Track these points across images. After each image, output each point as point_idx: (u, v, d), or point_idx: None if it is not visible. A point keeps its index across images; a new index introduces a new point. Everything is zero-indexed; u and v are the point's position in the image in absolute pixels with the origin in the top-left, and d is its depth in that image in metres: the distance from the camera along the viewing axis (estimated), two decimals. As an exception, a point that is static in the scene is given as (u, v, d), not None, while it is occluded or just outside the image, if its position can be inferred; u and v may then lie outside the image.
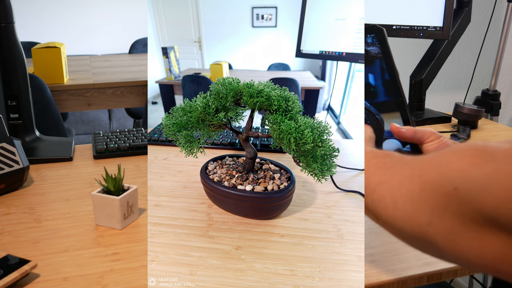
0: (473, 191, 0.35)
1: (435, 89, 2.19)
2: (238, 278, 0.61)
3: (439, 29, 1.18)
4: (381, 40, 0.62)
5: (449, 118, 1.37)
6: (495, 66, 1.77)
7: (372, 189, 0.46)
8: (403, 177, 0.43)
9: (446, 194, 0.37)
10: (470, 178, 0.35)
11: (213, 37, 5.62)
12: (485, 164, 0.35)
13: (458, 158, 0.38)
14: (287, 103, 0.73)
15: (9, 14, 1.01)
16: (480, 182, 0.34)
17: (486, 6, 1.99)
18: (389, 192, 0.44)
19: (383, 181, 0.45)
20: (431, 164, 0.40)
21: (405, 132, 0.61)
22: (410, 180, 0.42)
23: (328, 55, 1.29)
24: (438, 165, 0.39)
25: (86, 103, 2.06)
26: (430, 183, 0.39)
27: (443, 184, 0.38)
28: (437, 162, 0.40)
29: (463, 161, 0.37)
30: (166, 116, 0.79)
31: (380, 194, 0.44)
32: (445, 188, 0.37)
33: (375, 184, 0.46)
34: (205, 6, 5.42)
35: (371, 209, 0.47)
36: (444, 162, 0.39)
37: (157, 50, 5.38)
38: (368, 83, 0.64)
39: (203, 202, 0.83)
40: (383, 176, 0.45)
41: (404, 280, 0.64)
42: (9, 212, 0.81)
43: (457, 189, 0.36)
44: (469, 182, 0.35)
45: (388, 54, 0.62)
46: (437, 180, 0.38)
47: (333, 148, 0.70)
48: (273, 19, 5.39)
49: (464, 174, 0.36)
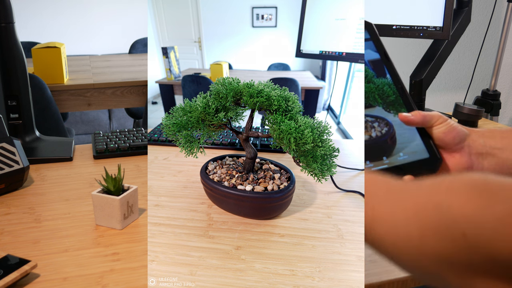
0: (483, 236, 0.32)
1: (435, 89, 2.19)
2: (238, 278, 0.61)
3: (439, 29, 1.18)
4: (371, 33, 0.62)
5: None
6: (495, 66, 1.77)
7: (368, 226, 0.43)
8: (396, 216, 0.40)
9: (453, 240, 0.34)
10: (479, 223, 0.33)
11: (213, 37, 5.62)
12: (493, 206, 0.33)
13: (460, 201, 0.35)
14: (287, 103, 0.73)
15: (9, 14, 1.01)
16: (490, 227, 0.32)
17: (486, 6, 1.99)
18: (386, 233, 0.41)
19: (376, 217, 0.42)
20: (428, 204, 0.38)
21: (414, 118, 0.60)
22: (405, 220, 0.39)
23: (328, 55, 1.29)
24: (437, 208, 0.36)
25: (86, 103, 2.06)
26: (430, 226, 0.36)
27: (447, 229, 0.35)
28: (434, 203, 0.37)
29: (467, 205, 0.34)
30: (166, 116, 0.79)
31: (378, 233, 0.42)
32: (451, 234, 0.34)
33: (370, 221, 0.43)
34: (205, 6, 5.42)
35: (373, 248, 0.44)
36: (445, 205, 0.36)
37: (157, 50, 5.38)
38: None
39: (203, 202, 0.83)
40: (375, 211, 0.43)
41: (404, 280, 0.64)
42: (9, 212, 0.81)
43: (466, 235, 0.33)
44: (478, 228, 0.33)
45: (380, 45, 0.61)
46: (440, 224, 0.36)
47: (333, 148, 0.70)
48: (273, 19, 5.39)
49: (472, 219, 0.33)
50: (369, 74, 0.59)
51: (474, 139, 0.59)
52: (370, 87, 0.59)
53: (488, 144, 0.58)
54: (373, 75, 0.59)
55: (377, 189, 0.45)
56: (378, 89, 0.59)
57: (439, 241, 0.36)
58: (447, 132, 0.59)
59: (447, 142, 0.60)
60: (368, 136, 0.59)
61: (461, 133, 0.59)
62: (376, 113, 0.60)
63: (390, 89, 0.58)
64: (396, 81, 0.61)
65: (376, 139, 0.59)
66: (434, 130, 0.60)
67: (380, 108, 0.60)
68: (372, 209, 0.43)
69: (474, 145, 0.59)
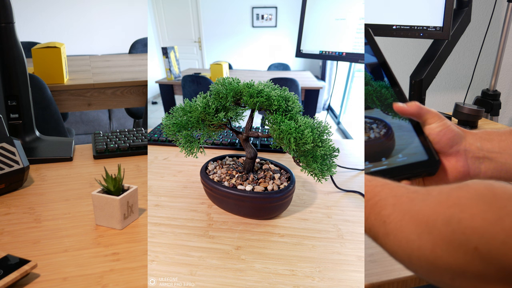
0: (495, 250, 0.33)
1: (435, 89, 2.19)
2: (238, 278, 0.61)
3: (439, 29, 1.17)
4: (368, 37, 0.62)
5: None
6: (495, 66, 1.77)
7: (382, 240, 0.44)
8: (408, 232, 0.41)
9: (465, 253, 0.35)
10: (490, 236, 0.34)
11: (213, 37, 5.62)
12: (503, 220, 0.34)
13: (469, 215, 0.36)
14: (287, 103, 0.73)
15: (9, 14, 1.01)
16: (501, 240, 0.33)
17: (486, 6, 2.00)
18: (399, 247, 0.42)
19: (389, 232, 0.43)
20: (438, 219, 0.38)
21: (408, 108, 0.58)
22: (417, 235, 0.40)
23: (328, 55, 1.29)
24: (447, 223, 0.37)
25: (86, 103, 2.06)
26: (442, 241, 0.37)
27: (459, 243, 0.36)
28: (445, 218, 0.38)
29: (476, 219, 0.35)
30: (166, 116, 0.79)
31: (391, 248, 0.43)
32: (463, 248, 0.35)
33: (383, 235, 0.44)
34: (205, 6, 5.42)
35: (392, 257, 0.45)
36: (455, 219, 0.37)
37: (157, 50, 5.38)
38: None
39: (203, 202, 0.83)
40: (387, 226, 0.43)
41: (404, 280, 0.64)
42: (9, 212, 0.81)
43: (478, 248, 0.34)
44: (489, 241, 0.34)
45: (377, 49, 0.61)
46: (452, 239, 0.36)
47: (333, 148, 0.70)
48: (273, 19, 5.39)
49: (482, 233, 0.34)
50: (366, 76, 0.60)
51: (471, 142, 0.58)
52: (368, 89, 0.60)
53: (485, 147, 0.57)
54: (371, 78, 0.60)
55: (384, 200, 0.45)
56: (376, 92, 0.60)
57: (451, 255, 0.36)
58: (442, 133, 0.58)
59: (443, 144, 0.58)
60: (367, 137, 0.59)
61: (457, 136, 0.58)
62: (374, 114, 0.60)
63: (388, 92, 0.59)
64: (393, 84, 0.61)
65: (374, 140, 0.59)
66: (430, 130, 0.58)
67: (378, 110, 0.60)
68: (384, 224, 0.44)
69: (470, 148, 0.58)
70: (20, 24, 1.10)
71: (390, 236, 0.43)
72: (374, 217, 0.45)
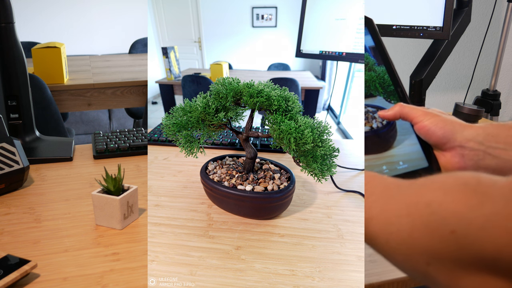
0: (471, 235, 0.33)
1: (435, 89, 2.19)
2: (238, 278, 0.61)
3: (439, 29, 1.17)
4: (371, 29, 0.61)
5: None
6: (495, 66, 1.77)
7: (366, 225, 0.44)
8: (389, 214, 0.41)
9: (442, 237, 0.35)
10: (468, 221, 0.33)
11: (213, 37, 5.63)
12: (483, 206, 0.33)
13: (451, 199, 0.35)
14: (287, 103, 0.73)
15: (9, 14, 1.01)
16: (479, 226, 0.33)
17: (486, 6, 2.00)
18: (379, 229, 0.42)
19: (372, 216, 0.43)
20: (419, 201, 0.38)
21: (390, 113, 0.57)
22: (397, 217, 0.40)
23: (328, 55, 1.29)
24: (428, 205, 0.37)
25: (86, 103, 2.06)
26: (421, 223, 0.37)
27: (436, 226, 0.36)
28: (426, 201, 0.37)
29: (458, 203, 0.35)
30: (166, 116, 0.79)
31: (372, 232, 0.43)
32: (440, 231, 0.35)
33: (366, 220, 0.44)
34: (205, 6, 5.42)
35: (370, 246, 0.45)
36: (436, 202, 0.36)
37: (157, 50, 5.38)
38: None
39: (203, 202, 0.83)
40: (371, 211, 0.43)
41: (404, 280, 0.64)
42: (9, 212, 0.81)
43: (455, 232, 0.34)
44: (466, 226, 0.33)
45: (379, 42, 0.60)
46: (430, 220, 0.36)
47: (333, 148, 0.70)
48: (273, 19, 5.39)
49: (461, 216, 0.34)
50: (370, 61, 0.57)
51: (469, 137, 0.55)
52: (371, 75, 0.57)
53: (488, 143, 0.54)
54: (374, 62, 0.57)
55: (374, 188, 0.46)
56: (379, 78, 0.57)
57: (428, 238, 0.36)
58: (431, 132, 0.56)
59: (433, 142, 0.57)
60: (369, 128, 0.57)
61: (448, 133, 0.55)
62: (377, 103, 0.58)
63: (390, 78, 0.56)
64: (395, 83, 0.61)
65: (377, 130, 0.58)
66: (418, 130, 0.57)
67: (381, 98, 0.58)
68: (369, 209, 0.44)
69: (468, 144, 0.55)
70: (20, 24, 1.10)
71: (373, 220, 0.43)
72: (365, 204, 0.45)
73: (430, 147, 0.59)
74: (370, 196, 0.45)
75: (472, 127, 0.56)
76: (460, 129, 0.56)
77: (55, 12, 3.53)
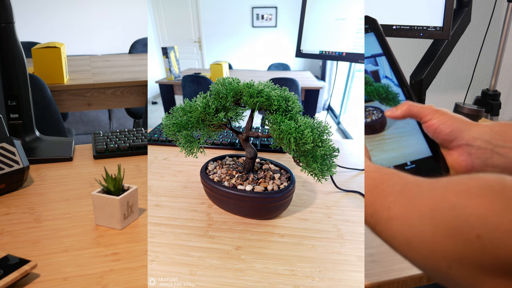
0: (497, 239, 0.33)
1: (435, 89, 2.19)
2: (238, 278, 0.61)
3: (439, 29, 1.17)
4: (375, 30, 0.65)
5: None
6: (495, 66, 1.77)
7: (383, 226, 0.43)
8: (411, 215, 0.40)
9: (466, 240, 0.35)
10: (494, 225, 0.33)
11: (213, 37, 5.63)
12: (509, 210, 0.33)
13: (476, 203, 0.35)
14: (287, 103, 0.73)
15: (9, 14, 1.01)
16: (505, 230, 0.33)
17: (486, 6, 2.00)
18: (400, 231, 0.41)
19: (392, 217, 0.42)
20: (443, 204, 0.38)
21: (398, 112, 0.59)
22: (419, 219, 0.39)
23: (328, 55, 1.29)
24: (452, 208, 0.37)
25: (86, 103, 2.06)
26: (444, 226, 0.37)
27: (462, 230, 0.35)
28: (450, 204, 0.37)
29: (483, 207, 0.35)
30: (166, 116, 0.79)
31: (392, 232, 0.42)
32: (464, 235, 0.35)
33: (385, 220, 0.43)
34: (205, 6, 5.42)
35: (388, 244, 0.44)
36: (460, 205, 0.36)
37: (157, 50, 5.38)
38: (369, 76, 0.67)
39: (203, 202, 0.83)
40: (391, 211, 0.43)
41: (404, 280, 0.64)
42: (9, 212, 0.81)
43: (480, 236, 0.34)
44: (492, 230, 0.33)
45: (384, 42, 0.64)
46: (454, 224, 0.36)
47: (333, 148, 0.70)
48: (273, 19, 5.39)
49: (487, 221, 0.34)
50: (370, 80, 0.68)
51: (476, 136, 0.55)
52: (371, 89, 0.68)
53: (495, 141, 0.54)
54: (372, 80, 0.68)
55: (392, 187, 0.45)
56: (376, 90, 0.67)
57: (452, 241, 0.36)
58: (439, 130, 0.56)
59: (441, 140, 0.57)
60: (370, 119, 0.66)
61: (456, 131, 0.55)
62: (374, 105, 0.68)
63: (383, 89, 0.66)
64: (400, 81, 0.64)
65: (374, 121, 0.67)
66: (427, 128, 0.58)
67: (377, 102, 0.67)
68: (388, 209, 0.43)
69: (475, 143, 0.54)
70: (20, 24, 1.10)
71: (393, 221, 0.42)
72: (380, 202, 0.44)
73: (437, 145, 0.59)
74: (390, 196, 0.44)
75: (480, 126, 0.55)
76: (468, 128, 0.56)
77: (55, 12, 3.53)
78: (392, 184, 0.45)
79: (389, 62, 0.65)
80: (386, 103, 0.67)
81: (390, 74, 0.65)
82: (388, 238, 0.44)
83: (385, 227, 0.43)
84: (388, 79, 0.66)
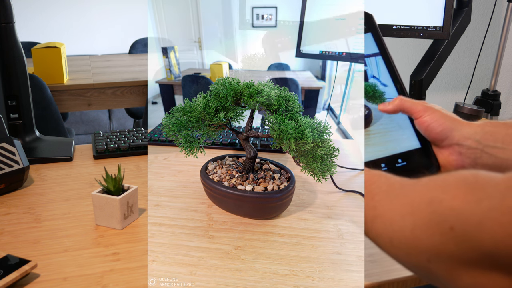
0: (469, 231, 0.33)
1: (435, 89, 2.19)
2: (238, 278, 0.61)
3: (439, 29, 1.17)
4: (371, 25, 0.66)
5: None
6: (495, 66, 1.77)
7: (369, 224, 0.45)
8: (393, 213, 0.42)
9: (441, 234, 0.36)
10: (466, 217, 0.34)
11: (213, 37, 5.62)
12: (480, 201, 0.34)
13: (450, 196, 0.36)
14: (287, 103, 0.73)
15: (9, 14, 1.01)
16: (476, 221, 0.33)
17: (486, 6, 2.00)
18: (383, 229, 0.43)
19: (377, 215, 0.44)
20: (422, 200, 0.39)
21: (390, 107, 0.60)
22: (401, 216, 0.40)
23: (328, 55, 1.29)
24: (429, 203, 0.38)
25: (86, 103, 2.06)
26: (422, 221, 0.38)
27: (437, 223, 0.36)
28: (428, 199, 0.38)
29: (456, 199, 0.35)
30: (166, 116, 0.79)
31: (377, 231, 0.44)
32: (439, 228, 0.36)
33: (371, 219, 0.45)
34: (205, 6, 5.42)
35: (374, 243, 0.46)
36: (436, 200, 0.37)
37: (157, 50, 5.38)
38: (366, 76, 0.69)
39: (203, 202, 0.83)
40: (376, 210, 0.44)
41: (404, 280, 0.64)
42: (9, 212, 0.81)
43: (453, 228, 0.35)
44: (464, 221, 0.34)
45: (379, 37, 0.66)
46: (431, 218, 0.37)
47: (333, 148, 0.70)
48: (273, 19, 5.39)
49: (459, 213, 0.35)
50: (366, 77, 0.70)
51: (467, 135, 0.55)
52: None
53: (485, 141, 0.54)
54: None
55: (379, 187, 0.46)
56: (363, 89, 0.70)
57: (429, 235, 0.37)
58: (430, 128, 0.57)
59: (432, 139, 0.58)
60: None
61: (447, 130, 0.56)
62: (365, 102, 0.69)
63: (370, 88, 0.68)
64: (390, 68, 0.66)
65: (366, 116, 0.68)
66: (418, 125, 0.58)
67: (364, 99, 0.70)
68: (374, 208, 0.45)
69: (465, 142, 0.55)
70: (20, 24, 1.09)
71: (377, 219, 0.43)
72: (367, 203, 0.46)
73: (429, 143, 0.60)
74: (376, 196, 0.45)
75: (471, 125, 0.56)
76: (459, 127, 0.56)
77: (55, 12, 3.53)
78: (380, 185, 0.46)
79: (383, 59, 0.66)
80: (372, 101, 0.69)
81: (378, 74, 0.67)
82: (373, 237, 0.45)
83: (371, 225, 0.45)
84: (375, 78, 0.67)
